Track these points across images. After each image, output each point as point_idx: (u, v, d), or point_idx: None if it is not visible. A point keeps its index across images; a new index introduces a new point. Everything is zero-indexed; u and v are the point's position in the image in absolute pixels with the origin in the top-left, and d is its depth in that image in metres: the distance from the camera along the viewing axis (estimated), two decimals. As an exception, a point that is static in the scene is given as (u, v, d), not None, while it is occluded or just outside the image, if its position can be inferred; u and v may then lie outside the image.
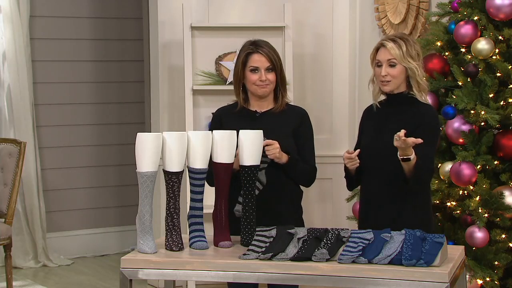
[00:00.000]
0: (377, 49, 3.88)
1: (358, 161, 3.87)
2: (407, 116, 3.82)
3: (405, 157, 3.68)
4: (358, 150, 3.87)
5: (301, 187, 4.07)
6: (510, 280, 4.75)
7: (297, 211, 4.05)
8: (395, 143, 3.66)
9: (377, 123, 3.90)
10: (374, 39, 5.92)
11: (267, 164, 3.87)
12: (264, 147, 3.78)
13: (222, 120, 4.02)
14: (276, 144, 3.85)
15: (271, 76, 3.95)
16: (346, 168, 3.94)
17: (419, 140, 3.64)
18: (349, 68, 6.34)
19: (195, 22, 6.04)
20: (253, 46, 3.97)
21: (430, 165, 3.81)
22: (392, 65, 3.81)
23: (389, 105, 3.90)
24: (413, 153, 3.69)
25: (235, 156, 3.69)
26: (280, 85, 4.00)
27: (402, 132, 3.62)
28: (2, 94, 6.86)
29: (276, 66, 3.95)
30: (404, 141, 3.62)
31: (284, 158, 3.89)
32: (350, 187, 4.05)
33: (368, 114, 4.00)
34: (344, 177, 4.01)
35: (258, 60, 3.94)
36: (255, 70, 3.95)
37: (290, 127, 3.99)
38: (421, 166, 3.72)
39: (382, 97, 3.95)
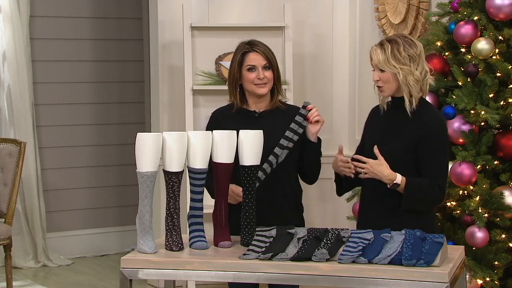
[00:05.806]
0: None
1: (352, 168, 3.75)
2: (410, 123, 3.69)
3: (391, 184, 3.63)
4: (349, 159, 3.77)
5: (301, 185, 4.08)
6: (510, 280, 4.75)
7: (298, 209, 4.05)
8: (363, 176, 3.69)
9: (383, 127, 3.78)
10: (374, 39, 5.92)
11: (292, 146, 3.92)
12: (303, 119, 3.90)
13: (220, 121, 4.00)
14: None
15: (269, 74, 3.95)
16: (336, 173, 3.88)
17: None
18: (349, 68, 6.34)
19: (195, 22, 6.04)
20: (249, 46, 3.98)
21: (442, 183, 3.65)
22: (382, 70, 3.69)
23: (394, 108, 3.78)
24: (397, 176, 3.62)
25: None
26: (276, 84, 4.00)
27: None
28: (2, 94, 6.86)
29: (273, 64, 3.96)
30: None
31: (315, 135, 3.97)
32: (340, 192, 3.97)
33: (375, 115, 3.89)
34: (334, 180, 3.94)
35: (255, 58, 3.95)
36: (252, 68, 3.95)
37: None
38: (422, 188, 3.62)
39: (389, 99, 3.82)
